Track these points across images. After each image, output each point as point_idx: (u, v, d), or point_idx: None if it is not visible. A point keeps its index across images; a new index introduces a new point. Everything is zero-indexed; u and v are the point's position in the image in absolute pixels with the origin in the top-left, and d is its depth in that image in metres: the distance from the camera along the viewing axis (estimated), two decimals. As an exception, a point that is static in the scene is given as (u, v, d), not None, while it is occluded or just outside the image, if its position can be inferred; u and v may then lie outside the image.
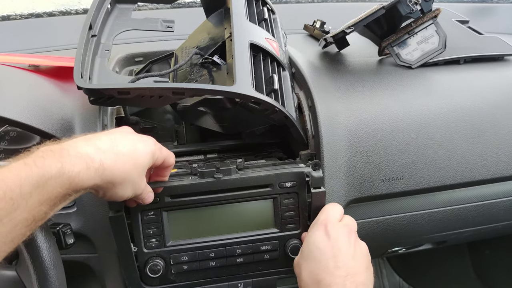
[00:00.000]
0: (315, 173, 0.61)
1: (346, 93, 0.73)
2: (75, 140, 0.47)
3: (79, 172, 0.42)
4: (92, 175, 0.44)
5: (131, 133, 0.52)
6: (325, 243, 0.54)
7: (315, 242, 0.55)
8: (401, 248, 0.95)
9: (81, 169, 0.42)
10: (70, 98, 0.67)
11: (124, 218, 0.57)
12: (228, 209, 0.61)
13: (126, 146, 0.48)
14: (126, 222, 0.57)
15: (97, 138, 0.47)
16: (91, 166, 0.44)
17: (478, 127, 0.74)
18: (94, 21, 0.64)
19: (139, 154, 0.49)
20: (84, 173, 0.43)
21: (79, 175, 0.42)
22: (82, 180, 0.43)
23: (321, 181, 0.61)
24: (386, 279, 1.44)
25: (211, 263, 0.61)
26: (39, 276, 0.47)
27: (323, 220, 0.57)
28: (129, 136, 0.51)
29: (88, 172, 0.43)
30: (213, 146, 0.79)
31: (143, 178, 0.51)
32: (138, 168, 0.49)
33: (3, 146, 0.68)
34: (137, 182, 0.50)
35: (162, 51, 0.80)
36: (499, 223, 0.86)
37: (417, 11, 0.77)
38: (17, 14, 1.04)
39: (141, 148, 0.50)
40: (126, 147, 0.48)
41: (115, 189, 0.48)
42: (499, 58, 0.87)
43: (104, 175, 0.45)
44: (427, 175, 0.71)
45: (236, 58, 0.58)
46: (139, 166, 0.49)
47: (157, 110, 0.80)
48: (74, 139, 0.47)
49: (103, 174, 0.45)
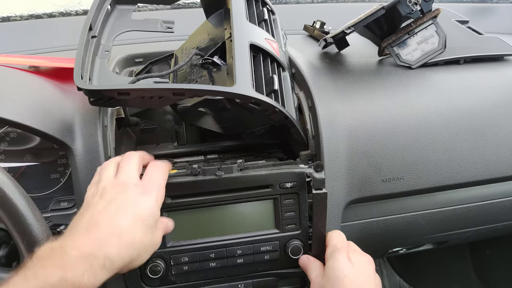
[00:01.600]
0: (317, 175, 0.61)
1: (346, 93, 0.73)
2: (75, 233, 0.44)
3: (83, 274, 0.40)
4: (98, 273, 0.42)
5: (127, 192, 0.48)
6: (350, 270, 0.55)
7: (341, 268, 0.55)
8: (401, 248, 0.95)
9: (84, 271, 0.41)
10: (70, 99, 0.67)
11: None
12: (229, 210, 0.61)
13: (127, 218, 0.45)
14: None
15: (94, 224, 0.45)
16: (95, 264, 0.41)
17: (478, 127, 0.74)
18: (94, 22, 0.64)
19: (144, 216, 0.47)
20: (89, 274, 0.41)
21: (83, 277, 0.40)
22: (89, 281, 0.41)
23: (322, 182, 0.61)
24: (387, 279, 1.44)
25: (211, 263, 0.61)
26: (39, 277, 0.47)
27: (343, 247, 0.59)
28: (127, 200, 0.47)
29: (93, 272, 0.41)
30: (213, 147, 0.79)
31: (155, 228, 0.49)
32: (147, 229, 0.47)
33: (3, 148, 0.68)
34: (152, 239, 0.48)
35: (162, 52, 0.80)
36: (500, 223, 0.86)
37: (417, 11, 0.77)
38: (17, 15, 1.04)
39: (143, 208, 0.47)
40: (127, 219, 0.45)
41: (134, 263, 0.46)
42: (499, 58, 0.87)
43: (114, 266, 0.43)
44: (428, 175, 0.71)
45: (236, 58, 0.58)
46: (147, 227, 0.47)
47: (157, 111, 0.80)
48: (74, 230, 0.45)
49: (112, 266, 0.43)
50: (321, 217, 0.62)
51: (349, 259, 0.56)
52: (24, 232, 0.47)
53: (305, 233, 0.63)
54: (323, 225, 0.62)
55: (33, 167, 0.68)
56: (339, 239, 0.61)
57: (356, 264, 0.56)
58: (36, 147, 0.68)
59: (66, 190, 0.67)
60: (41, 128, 0.61)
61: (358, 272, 0.55)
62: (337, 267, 0.56)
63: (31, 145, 0.68)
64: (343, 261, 0.56)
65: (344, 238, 0.62)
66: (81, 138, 0.62)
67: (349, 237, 0.65)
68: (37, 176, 0.68)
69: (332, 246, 0.60)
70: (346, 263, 0.56)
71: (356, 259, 0.57)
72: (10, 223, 0.47)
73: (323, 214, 0.62)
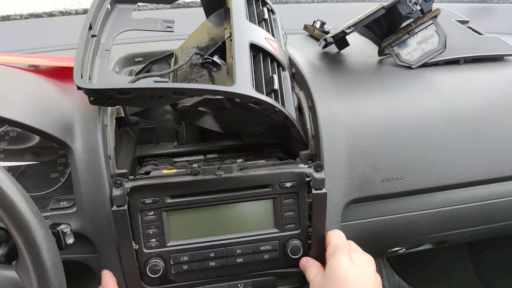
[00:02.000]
0: (317, 175, 0.61)
1: (346, 93, 0.73)
2: None
3: None
4: None
5: None
6: (352, 270, 0.55)
7: (342, 268, 0.55)
8: (401, 248, 0.95)
9: None
10: (70, 98, 0.67)
11: (127, 213, 0.57)
12: (228, 209, 0.61)
13: None
14: (128, 217, 0.57)
15: None
16: None
17: (478, 127, 0.74)
18: (94, 21, 0.64)
19: None
20: None
21: None
22: None
23: (322, 182, 0.61)
24: (386, 279, 1.44)
25: (211, 263, 0.61)
26: (38, 277, 0.47)
27: (344, 247, 0.59)
28: None
29: None
30: (213, 146, 0.79)
31: None
32: None
33: (3, 147, 0.68)
34: None
35: (162, 51, 0.80)
36: (499, 223, 0.86)
37: (417, 11, 0.77)
38: (17, 14, 1.04)
39: None
40: None
41: None
42: (499, 58, 0.87)
43: None
44: (427, 175, 0.71)
45: (236, 58, 0.58)
46: None
47: (157, 110, 0.80)
48: None
49: None
50: (320, 217, 0.62)
51: (350, 259, 0.56)
52: (22, 230, 0.47)
53: (305, 233, 0.63)
54: (322, 225, 0.62)
55: (33, 166, 0.68)
56: (340, 238, 0.61)
57: (358, 264, 0.56)
58: (36, 146, 0.68)
59: (65, 189, 0.67)
60: (40, 127, 0.61)
61: (360, 272, 0.55)
62: (338, 266, 0.56)
63: (30, 144, 0.68)
64: (344, 261, 0.56)
65: (344, 238, 0.62)
66: (81, 137, 0.62)
67: (348, 237, 0.65)
68: (36, 175, 0.68)
69: (333, 245, 0.60)
70: (347, 263, 0.56)
71: (357, 259, 0.57)
72: (9, 222, 0.47)
73: (323, 214, 0.62)
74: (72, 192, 0.62)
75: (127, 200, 0.57)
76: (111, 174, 0.62)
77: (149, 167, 0.70)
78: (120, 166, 0.66)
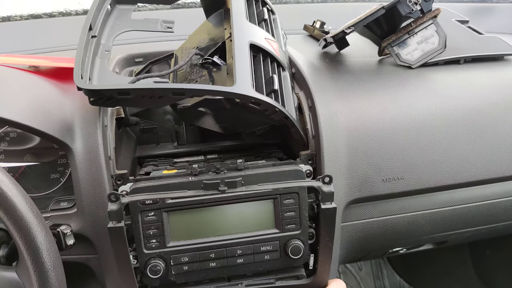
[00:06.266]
0: (325, 188, 0.60)
1: (346, 93, 0.73)
2: None
3: None
4: None
5: None
6: None
7: None
8: (401, 248, 0.95)
9: None
10: (70, 99, 0.67)
11: (124, 230, 0.56)
12: (229, 210, 0.61)
13: None
14: (125, 234, 0.56)
15: None
16: None
17: (478, 127, 0.74)
18: (94, 22, 0.64)
19: None
20: None
21: None
22: None
23: (331, 196, 0.59)
24: (387, 279, 1.44)
25: (211, 263, 0.61)
26: (39, 278, 0.47)
27: None
28: None
29: None
30: (213, 147, 0.79)
31: None
32: None
33: (3, 147, 0.68)
34: None
35: (162, 52, 0.80)
36: (500, 223, 0.86)
37: (417, 11, 0.77)
38: (17, 15, 1.04)
39: None
40: None
41: None
42: (499, 58, 0.87)
43: None
44: (428, 175, 0.71)
45: (236, 58, 0.58)
46: None
47: (157, 111, 0.80)
48: None
49: None
50: (329, 232, 0.60)
51: None
52: (23, 231, 0.47)
53: (305, 233, 0.63)
54: (331, 239, 0.61)
55: (33, 167, 0.68)
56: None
57: None
58: (36, 147, 0.68)
59: (66, 190, 0.67)
60: (41, 128, 0.61)
61: None
62: None
63: (31, 145, 0.68)
64: None
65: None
66: (81, 138, 0.62)
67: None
68: (37, 176, 0.68)
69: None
70: None
71: None
72: (9, 223, 0.47)
73: (332, 229, 0.60)
74: (73, 192, 0.62)
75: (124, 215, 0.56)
76: (111, 174, 0.62)
77: (149, 168, 0.70)
78: (120, 166, 0.66)
